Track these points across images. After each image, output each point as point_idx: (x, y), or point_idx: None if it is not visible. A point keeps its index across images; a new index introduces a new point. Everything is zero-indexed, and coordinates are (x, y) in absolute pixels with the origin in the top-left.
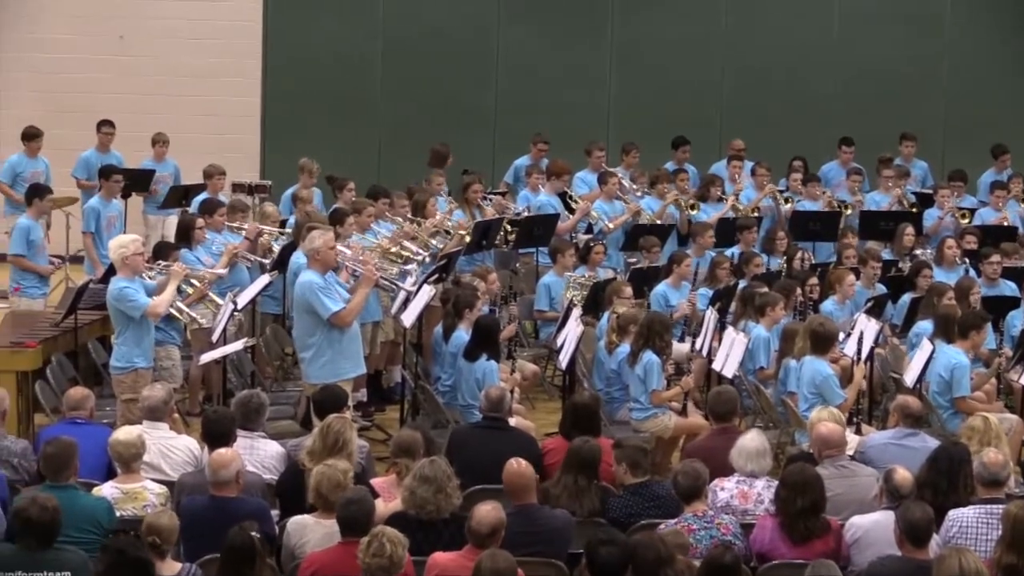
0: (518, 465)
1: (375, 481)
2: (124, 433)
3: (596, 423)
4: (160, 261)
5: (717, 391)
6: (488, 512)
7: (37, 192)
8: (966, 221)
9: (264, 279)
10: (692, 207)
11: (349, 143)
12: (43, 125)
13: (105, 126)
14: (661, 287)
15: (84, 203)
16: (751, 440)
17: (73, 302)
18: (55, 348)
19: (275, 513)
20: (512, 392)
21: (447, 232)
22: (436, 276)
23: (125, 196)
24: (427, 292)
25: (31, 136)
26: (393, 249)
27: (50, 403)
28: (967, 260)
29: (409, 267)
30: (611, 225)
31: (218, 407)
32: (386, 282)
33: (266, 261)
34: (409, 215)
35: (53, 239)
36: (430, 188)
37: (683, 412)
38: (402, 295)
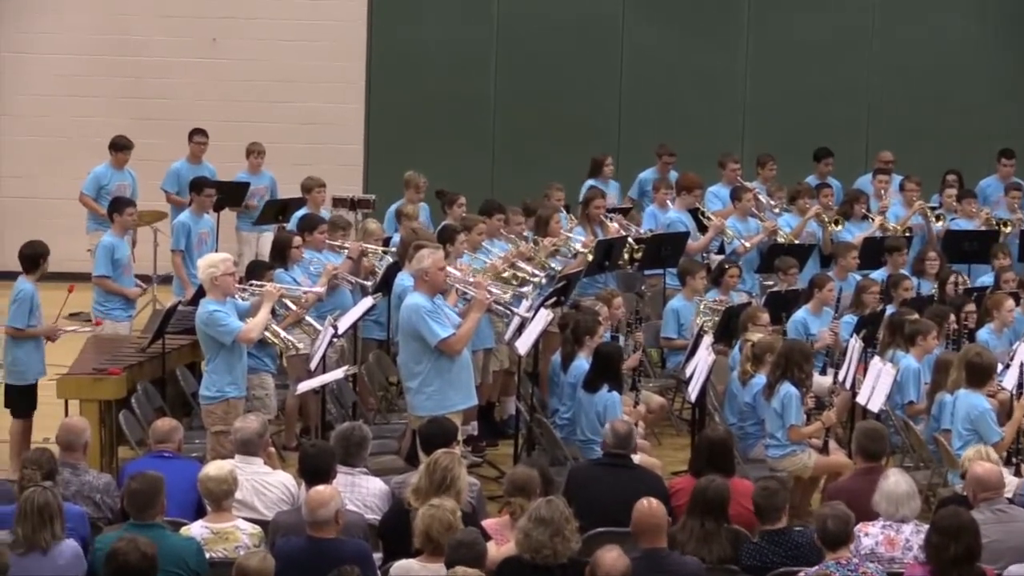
0: (649, 505)
1: (487, 522)
2: (215, 468)
3: (729, 461)
4: (253, 281)
5: (866, 427)
6: (616, 559)
7: (117, 206)
8: None
9: (367, 302)
10: (836, 223)
11: (460, 154)
12: (130, 134)
13: (197, 135)
14: (801, 313)
15: (173, 218)
16: (898, 482)
17: (160, 326)
18: (141, 375)
19: (378, 556)
20: (636, 426)
21: (573, 252)
22: (554, 299)
23: (217, 211)
24: (544, 317)
25: (120, 147)
26: (507, 270)
27: (135, 435)
28: None
29: (524, 290)
30: (746, 244)
31: (316, 441)
32: (499, 306)
33: (368, 283)
34: (525, 232)
35: (139, 257)
36: (550, 203)
37: (824, 450)
38: (517, 320)
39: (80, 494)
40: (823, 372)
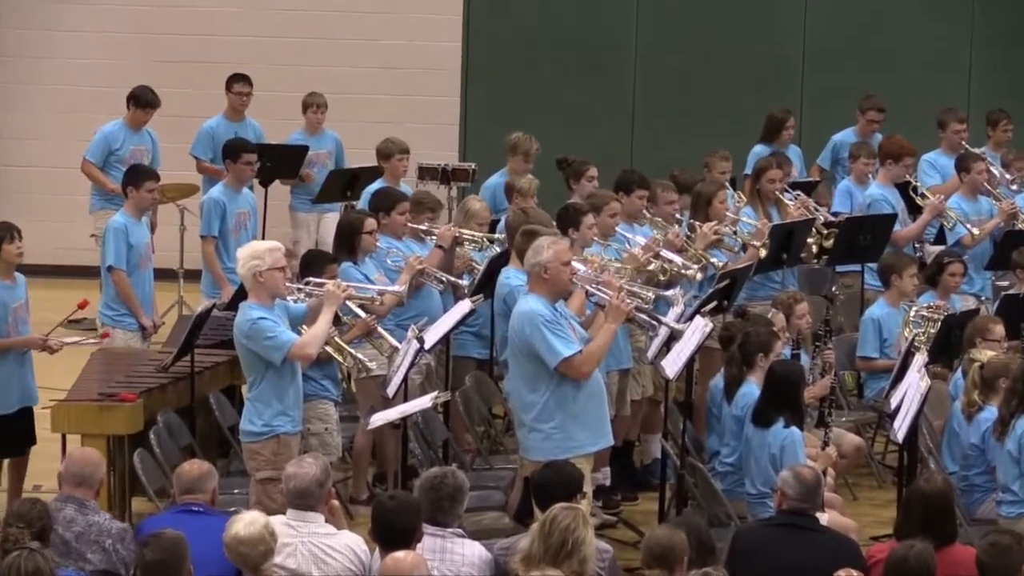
0: None
1: None
2: (244, 526)
3: (949, 522)
4: (311, 278)
5: None
6: None
7: (134, 178)
8: None
9: (463, 307)
10: None
11: (589, 112)
12: (148, 81)
13: (237, 83)
14: None
15: (204, 194)
16: None
17: (188, 337)
18: (162, 403)
19: None
20: (824, 475)
21: (742, 243)
22: (714, 305)
23: (264, 184)
24: (700, 328)
25: (144, 103)
26: (651, 263)
27: (154, 483)
28: None
29: (672, 292)
30: (975, 232)
31: (396, 492)
32: (642, 315)
33: (463, 282)
34: (678, 214)
35: (160, 246)
36: (712, 176)
37: None
38: (663, 332)
39: (85, 538)
40: None
